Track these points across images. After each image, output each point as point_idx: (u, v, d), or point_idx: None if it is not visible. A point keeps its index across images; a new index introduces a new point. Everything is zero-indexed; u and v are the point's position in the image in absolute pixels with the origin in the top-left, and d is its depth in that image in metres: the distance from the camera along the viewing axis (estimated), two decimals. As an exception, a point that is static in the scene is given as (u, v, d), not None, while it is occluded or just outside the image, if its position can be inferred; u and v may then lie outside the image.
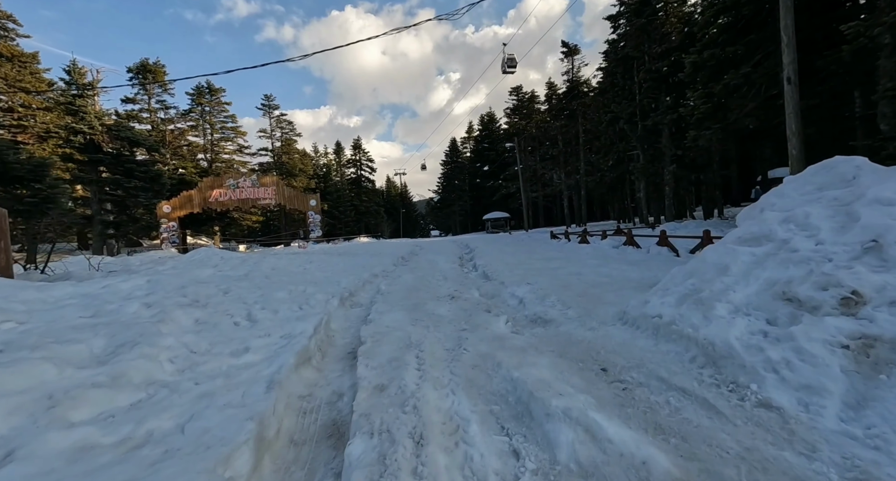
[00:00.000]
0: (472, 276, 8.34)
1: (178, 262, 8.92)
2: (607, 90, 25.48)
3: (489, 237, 27.26)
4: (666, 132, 19.25)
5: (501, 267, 8.53)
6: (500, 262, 9.35)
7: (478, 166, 64.00)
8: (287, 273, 7.62)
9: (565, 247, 12.72)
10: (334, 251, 21.50)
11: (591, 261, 8.33)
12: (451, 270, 9.00)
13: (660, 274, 6.15)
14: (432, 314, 4.77)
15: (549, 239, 17.51)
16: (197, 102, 45.11)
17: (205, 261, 9.31)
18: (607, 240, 12.15)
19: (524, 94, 55.63)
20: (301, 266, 9.71)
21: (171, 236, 33.51)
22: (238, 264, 8.22)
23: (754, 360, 2.32)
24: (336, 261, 12.25)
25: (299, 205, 38.12)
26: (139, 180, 20.41)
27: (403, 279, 7.80)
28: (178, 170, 38.25)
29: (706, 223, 16.07)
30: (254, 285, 5.59)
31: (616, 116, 22.69)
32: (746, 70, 12.42)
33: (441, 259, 11.99)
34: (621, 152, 23.86)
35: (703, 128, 13.79)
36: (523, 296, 5.60)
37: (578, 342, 3.45)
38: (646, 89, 19.52)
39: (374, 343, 3.57)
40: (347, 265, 10.92)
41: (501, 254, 11.41)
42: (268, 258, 10.87)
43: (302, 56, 12.13)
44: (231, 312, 4.08)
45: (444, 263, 10.66)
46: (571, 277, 6.37)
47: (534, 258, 9.79)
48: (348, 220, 54.27)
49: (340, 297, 5.88)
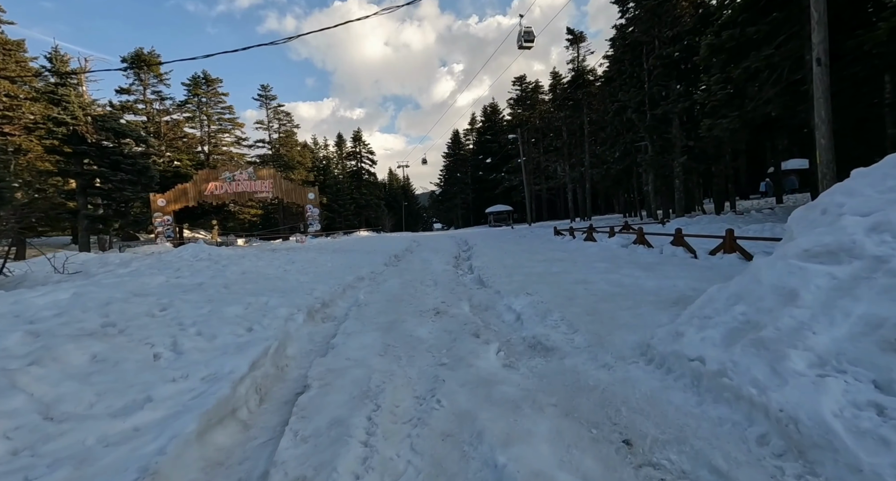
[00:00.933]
0: (466, 281, 7.49)
1: (143, 264, 8.12)
2: (614, 78, 24.33)
3: (491, 232, 26.39)
4: (676, 121, 18.20)
5: (499, 270, 7.68)
6: (498, 264, 8.50)
7: (480, 158, 62.87)
8: (257, 278, 6.81)
9: (570, 246, 11.83)
10: (329, 247, 20.72)
11: (599, 264, 7.45)
12: (443, 273, 8.16)
13: (679, 282, 5.29)
14: (409, 337, 3.93)
15: (553, 235, 16.61)
16: (193, 93, 44.11)
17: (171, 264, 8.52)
18: (615, 237, 11.25)
19: (528, 84, 54.27)
20: (281, 267, 8.90)
21: (166, 230, 32.82)
22: (204, 267, 7.41)
23: (876, 462, 1.47)
24: (324, 260, 11.43)
25: (297, 198, 37.35)
26: (126, 173, 19.61)
27: (389, 285, 6.97)
28: (174, 163, 37.46)
29: (719, 218, 15.11)
30: (205, 297, 4.77)
31: (623, 105, 21.59)
32: (768, 52, 11.38)
33: (436, 258, 11.15)
34: (628, 143, 22.80)
35: (719, 116, 12.78)
36: (521, 310, 4.75)
37: (590, 389, 2.60)
38: (656, 76, 18.43)
39: (322, 389, 2.74)
40: (334, 265, 10.11)
41: (501, 254, 10.55)
42: (247, 259, 10.07)
43: (286, 39, 11.29)
44: (152, 340, 3.26)
45: (438, 264, 9.81)
46: (577, 286, 5.50)
47: (535, 259, 8.93)
48: (348, 214, 53.47)
49: (310, 311, 5.05)
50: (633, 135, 22.81)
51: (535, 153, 48.95)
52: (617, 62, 23.59)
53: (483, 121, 65.30)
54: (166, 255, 14.87)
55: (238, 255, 11.68)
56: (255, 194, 36.24)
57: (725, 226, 11.79)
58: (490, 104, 64.03)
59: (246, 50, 10.60)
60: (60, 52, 19.94)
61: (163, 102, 41.43)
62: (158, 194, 33.06)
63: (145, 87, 40.32)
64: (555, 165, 34.95)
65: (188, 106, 43.69)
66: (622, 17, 23.22)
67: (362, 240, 30.15)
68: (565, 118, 31.10)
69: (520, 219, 58.13)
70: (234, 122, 45.77)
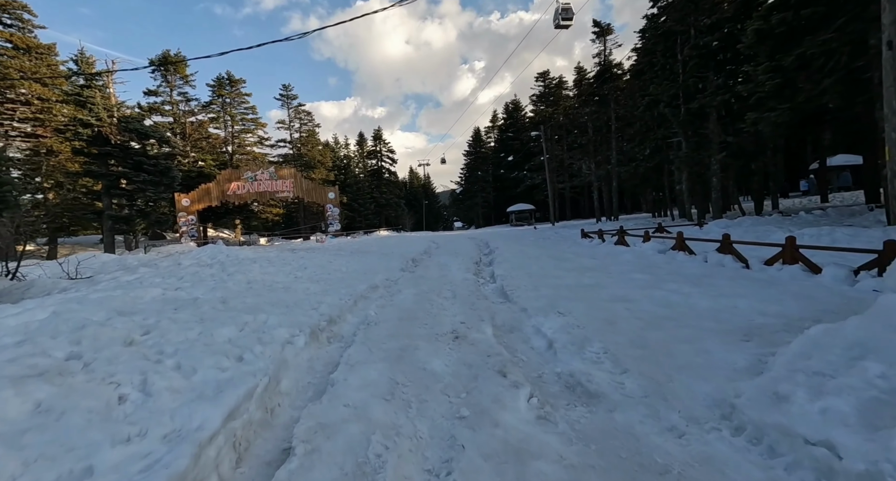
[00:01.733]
0: (488, 292, 6.84)
1: (148, 271, 7.80)
2: (644, 71, 23.07)
3: (512, 232, 25.59)
4: (714, 116, 16.99)
5: (524, 280, 7.00)
6: (522, 272, 7.81)
7: (502, 156, 61.85)
8: (262, 289, 6.34)
9: (600, 251, 11.00)
10: (347, 248, 20.40)
11: (637, 275, 6.67)
12: (462, 282, 7.53)
13: (741, 303, 4.49)
14: (422, 372, 3.33)
15: (580, 237, 15.73)
16: (217, 94, 44.82)
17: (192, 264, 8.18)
18: (650, 242, 10.36)
19: (551, 79, 52.93)
20: (291, 274, 8.46)
21: (190, 230, 33.36)
22: (208, 277, 7.00)
23: None
24: (339, 264, 10.99)
25: (317, 197, 37.41)
26: (148, 174, 19.77)
27: (403, 296, 6.39)
28: (198, 163, 38.07)
29: (763, 220, 13.92)
30: (197, 316, 4.29)
31: (655, 99, 20.38)
32: (825, 36, 10.24)
33: (455, 264, 10.53)
34: (659, 139, 21.55)
35: (766, 109, 11.66)
36: (553, 335, 4.08)
37: (659, 472, 1.93)
38: (691, 68, 17.23)
39: (308, 457, 2.16)
40: (348, 270, 9.63)
41: (524, 260, 9.84)
42: (258, 264, 9.70)
43: (301, 34, 10.79)
44: (119, 378, 2.75)
45: (458, 270, 9.19)
46: (616, 305, 4.78)
47: (563, 268, 8.19)
48: (368, 213, 53.45)
49: (313, 331, 4.52)
50: (664, 130, 21.56)
51: (558, 150, 47.67)
52: (648, 54, 22.34)
53: (504, 118, 64.22)
54: (184, 258, 14.78)
55: (251, 259, 11.36)
56: (276, 194, 36.45)
57: (775, 230, 10.74)
58: (512, 101, 62.88)
59: (261, 46, 10.26)
60: (86, 55, 20.28)
61: (188, 103, 42.16)
62: (183, 194, 33.64)
63: (172, 88, 41.08)
64: (580, 163, 33.76)
65: (212, 106, 44.41)
66: (654, 6, 21.97)
67: (381, 240, 29.84)
68: (591, 114, 29.89)
69: (542, 218, 56.91)
70: (256, 122, 46.30)
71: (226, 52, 10.14)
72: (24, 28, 24.85)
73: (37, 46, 24.57)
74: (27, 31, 25.14)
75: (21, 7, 24.14)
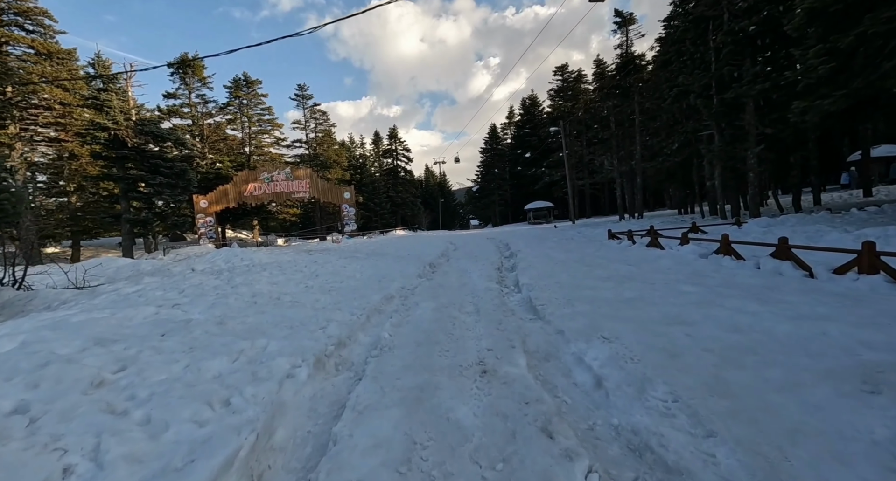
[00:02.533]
0: (514, 304, 6.16)
1: (152, 282, 7.37)
2: (671, 61, 21.84)
3: (532, 232, 24.75)
4: (751, 106, 15.81)
5: (553, 291, 6.29)
6: (550, 281, 7.09)
7: (519, 153, 60.73)
8: (267, 304, 5.80)
9: (632, 255, 10.15)
10: (363, 249, 19.94)
11: (685, 287, 5.87)
12: (485, 293, 6.86)
13: (831, 328, 3.69)
14: (446, 424, 2.68)
15: (606, 238, 14.84)
16: (234, 95, 45.12)
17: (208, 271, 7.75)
18: (689, 245, 9.47)
19: (570, 73, 51.53)
20: (302, 283, 7.94)
21: (209, 231, 33.58)
22: (211, 289, 6.50)
23: None
24: (353, 269, 10.46)
25: (333, 197, 37.23)
26: (164, 176, 19.70)
27: (421, 311, 5.76)
28: (216, 165, 38.32)
29: (810, 218, 12.78)
30: (186, 344, 3.74)
31: (684, 90, 19.21)
32: (890, 13, 9.14)
33: (475, 269, 9.85)
34: (688, 133, 20.34)
35: (817, 96, 10.59)
36: (601, 370, 3.38)
37: None
38: (725, 55, 16.06)
39: None
40: (363, 277, 9.08)
41: (550, 265, 9.10)
42: (268, 271, 9.23)
43: (311, 29, 10.23)
44: (67, 442, 2.20)
45: (479, 278, 8.52)
46: (673, 329, 4.03)
47: (596, 276, 7.43)
48: (384, 213, 53.17)
49: (319, 358, 3.93)
50: (694, 123, 20.37)
51: (577, 146, 46.39)
52: (675, 43, 21.11)
53: (521, 114, 63.02)
54: (199, 262, 14.52)
55: (263, 265, 10.93)
56: (292, 194, 36.41)
57: (829, 230, 9.71)
58: (529, 96, 61.62)
59: (272, 43, 9.78)
60: (102, 58, 20.34)
61: (206, 105, 42.49)
62: (201, 196, 33.87)
63: (190, 90, 41.45)
64: (601, 159, 32.55)
65: (229, 108, 44.74)
66: (682, -9, 20.75)
67: (397, 240, 29.39)
68: (613, 108, 28.70)
69: (560, 215, 55.66)
70: (273, 123, 46.46)
71: (235, 49, 9.68)
72: (46, 33, 25.20)
73: (58, 52, 24.86)
74: (48, 37, 25.51)
75: (42, 13, 24.43)
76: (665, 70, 22.88)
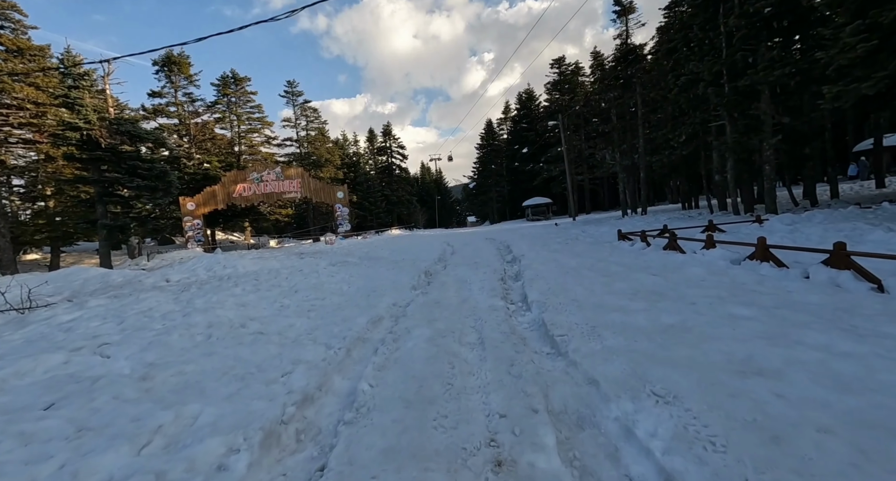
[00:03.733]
0: (525, 331, 5.11)
1: (97, 306, 6.26)
2: (677, 49, 20.74)
3: (533, 231, 23.69)
4: (766, 94, 14.76)
5: (572, 312, 5.24)
6: (565, 297, 6.04)
7: (516, 148, 59.58)
8: (221, 340, 4.72)
9: (652, 261, 9.10)
10: (356, 251, 18.86)
11: (737, 309, 4.80)
12: (490, 313, 5.79)
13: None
14: None
15: (615, 239, 13.81)
16: (223, 93, 43.78)
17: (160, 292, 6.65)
18: (716, 249, 8.42)
19: (567, 65, 50.35)
20: (277, 301, 6.86)
21: (196, 234, 32.36)
22: (159, 317, 5.40)
23: None
24: (341, 280, 9.39)
25: (326, 197, 36.07)
26: (142, 178, 18.50)
27: (413, 342, 4.70)
28: (203, 165, 37.02)
29: (840, 214, 11.76)
30: (78, 420, 2.67)
31: (693, 79, 18.14)
32: (939, -16, 8.09)
33: (475, 279, 8.78)
34: (697, 124, 19.30)
35: (853, 79, 9.53)
36: (667, 461, 2.30)
37: None
38: (739, 39, 14.97)
39: None
40: (350, 291, 8.03)
41: (561, 275, 8.04)
42: (240, 288, 8.13)
43: (286, 14, 9.10)
44: None
45: (481, 292, 7.46)
46: (753, 383, 2.97)
47: (617, 288, 6.38)
48: (379, 212, 52.00)
49: (269, 430, 2.86)
50: (702, 114, 19.32)
51: (576, 141, 45.34)
52: (681, 29, 20.01)
53: (518, 108, 61.84)
54: (175, 271, 13.38)
55: (238, 278, 9.83)
56: (283, 194, 35.23)
57: (870, 228, 8.69)
58: (525, 90, 60.41)
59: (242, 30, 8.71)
60: (72, 53, 19.07)
61: (193, 104, 41.09)
62: (187, 197, 32.62)
63: (176, 88, 40.03)
64: (602, 153, 31.48)
65: (218, 106, 43.38)
66: (688, -27, 19.63)
67: (393, 240, 28.30)
68: (615, 99, 27.60)
69: (559, 211, 54.67)
70: (263, 121, 45.16)
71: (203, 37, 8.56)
72: (17, 29, 23.85)
73: (28, 48, 23.52)
74: (20, 33, 24.15)
75: (10, 6, 23.07)
76: (670, 58, 21.78)
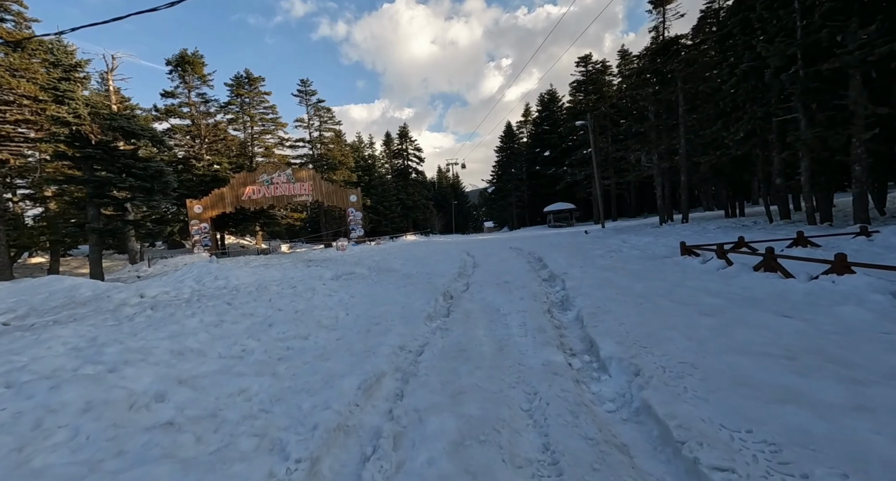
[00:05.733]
0: (618, 423, 2.92)
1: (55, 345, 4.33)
2: (732, 35, 18.23)
3: (560, 239, 21.31)
4: (857, 80, 12.23)
5: (690, 388, 3.01)
6: (659, 351, 3.79)
7: (537, 152, 57.18)
8: (89, 443, 2.68)
9: (752, 288, 6.72)
10: (366, 260, 16.87)
11: None
12: (547, 377, 3.60)
13: None
14: None
15: (673, 254, 11.43)
16: (236, 93, 42.82)
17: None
18: (857, 276, 6.02)
19: (593, 64, 47.85)
20: (239, 342, 4.82)
21: (203, 238, 31.01)
22: (47, 377, 3.43)
23: None
24: (339, 301, 7.35)
25: (338, 201, 34.39)
26: (137, 178, 16.96)
27: (428, 450, 2.56)
28: (213, 167, 35.85)
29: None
30: None
31: (755, 66, 15.64)
32: None
33: (510, 307, 6.56)
34: (758, 119, 16.74)
35: None
36: None
37: None
38: (824, 13, 12.50)
39: None
40: (348, 321, 5.96)
41: (631, 305, 5.76)
42: (207, 312, 6.14)
43: None
44: None
45: (521, 331, 5.26)
46: None
47: (741, 338, 4.10)
48: (394, 216, 50.20)
49: None
50: (762, 108, 16.76)
51: (602, 143, 42.79)
52: (740, 10, 17.53)
53: (539, 110, 59.48)
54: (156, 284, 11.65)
55: (211, 297, 7.88)
56: (294, 197, 33.70)
57: None
58: (548, 91, 58.05)
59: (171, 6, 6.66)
60: (64, 42, 17.82)
61: (206, 104, 40.09)
62: (194, 200, 31.35)
63: (190, 89, 39.07)
64: (637, 154, 28.91)
65: (231, 107, 42.41)
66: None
67: (408, 247, 26.30)
68: (652, 96, 25.11)
69: (582, 217, 51.92)
70: (276, 123, 44.00)
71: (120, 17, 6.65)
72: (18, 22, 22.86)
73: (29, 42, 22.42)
74: (24, 28, 23.18)
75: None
76: (722, 46, 19.25)
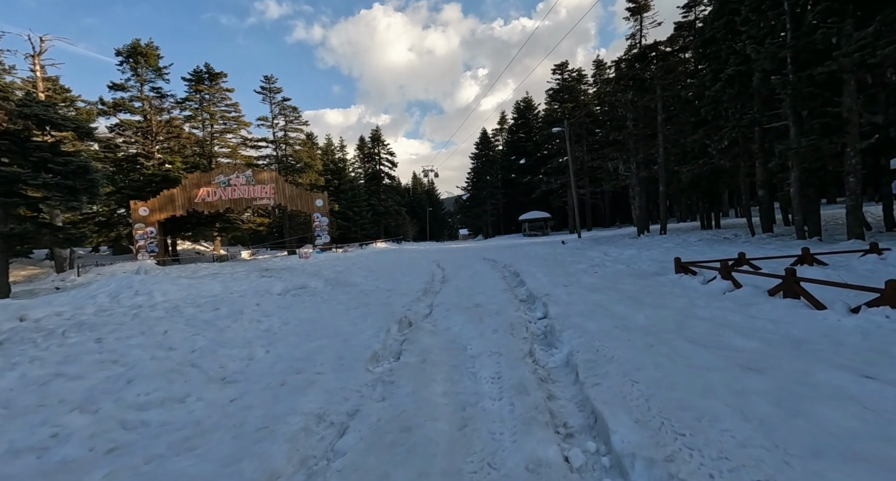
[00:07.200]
0: None
1: None
2: (717, 39, 17.59)
3: (537, 250, 20.01)
4: (852, 85, 11.47)
5: None
6: (710, 453, 2.29)
7: (512, 159, 56.46)
8: None
9: (783, 321, 5.38)
10: (327, 270, 14.97)
11: None
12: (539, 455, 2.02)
13: None
14: None
15: (665, 271, 10.19)
16: (195, 89, 39.97)
17: None
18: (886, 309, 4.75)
19: (570, 72, 47.62)
20: (59, 422, 3.00)
21: (149, 244, 28.13)
22: None
23: None
24: (265, 330, 5.55)
25: (303, 205, 32.17)
26: (55, 175, 14.53)
27: None
28: (165, 166, 32.96)
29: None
30: None
31: (741, 71, 14.88)
32: None
33: (481, 345, 4.93)
34: (743, 127, 15.99)
35: None
36: None
37: None
38: (819, 13, 11.73)
39: None
40: (259, 368, 4.19)
41: (640, 348, 4.26)
42: (5, 373, 4.25)
43: None
44: None
45: (494, 390, 3.65)
46: None
47: (824, 417, 2.65)
48: (365, 222, 48.07)
49: None
50: (748, 115, 16.04)
51: (578, 152, 42.30)
52: (723, 13, 16.88)
53: (515, 118, 58.97)
54: (43, 305, 9.45)
55: (72, 343, 5.93)
56: (254, 201, 31.26)
57: None
58: (524, 99, 57.63)
59: None
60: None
61: (162, 99, 37.03)
62: (140, 202, 28.50)
63: (142, 82, 35.92)
64: (614, 163, 28.20)
65: (189, 103, 39.54)
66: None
67: (375, 256, 24.42)
68: (631, 102, 24.41)
69: (557, 226, 51.34)
70: (239, 121, 41.35)
71: None
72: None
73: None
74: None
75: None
76: (706, 51, 18.62)
